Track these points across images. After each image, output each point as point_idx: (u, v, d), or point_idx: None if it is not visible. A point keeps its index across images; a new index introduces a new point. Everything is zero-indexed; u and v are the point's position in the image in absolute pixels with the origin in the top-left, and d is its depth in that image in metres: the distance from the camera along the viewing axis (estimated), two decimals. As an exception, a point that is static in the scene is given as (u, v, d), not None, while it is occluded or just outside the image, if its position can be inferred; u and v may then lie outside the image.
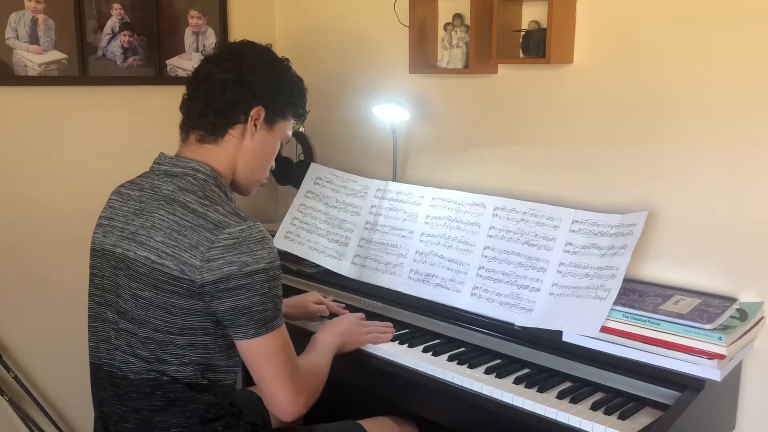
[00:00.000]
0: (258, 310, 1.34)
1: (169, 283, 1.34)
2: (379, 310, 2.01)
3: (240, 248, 1.32)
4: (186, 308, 1.35)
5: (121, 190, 1.51)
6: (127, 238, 1.40)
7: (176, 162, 1.46)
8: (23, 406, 2.22)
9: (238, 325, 1.35)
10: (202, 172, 1.44)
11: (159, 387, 1.39)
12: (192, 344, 1.38)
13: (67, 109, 2.25)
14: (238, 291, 1.32)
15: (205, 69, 1.49)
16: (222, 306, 1.33)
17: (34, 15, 2.13)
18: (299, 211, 2.27)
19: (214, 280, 1.31)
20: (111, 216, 1.48)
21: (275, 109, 1.51)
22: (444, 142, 2.27)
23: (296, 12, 2.68)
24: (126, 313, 1.39)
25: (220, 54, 1.51)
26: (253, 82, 1.46)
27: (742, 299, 1.68)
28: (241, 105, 1.46)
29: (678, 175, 1.78)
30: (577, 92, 1.94)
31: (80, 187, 2.30)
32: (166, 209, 1.37)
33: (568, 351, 1.63)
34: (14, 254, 2.20)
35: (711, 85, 1.70)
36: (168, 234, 1.34)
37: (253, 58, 1.49)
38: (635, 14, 1.81)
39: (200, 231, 1.32)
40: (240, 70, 1.45)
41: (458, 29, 2.09)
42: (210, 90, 1.45)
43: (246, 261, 1.32)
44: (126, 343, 1.40)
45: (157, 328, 1.37)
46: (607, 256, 1.67)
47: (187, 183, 1.41)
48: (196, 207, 1.36)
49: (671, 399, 1.48)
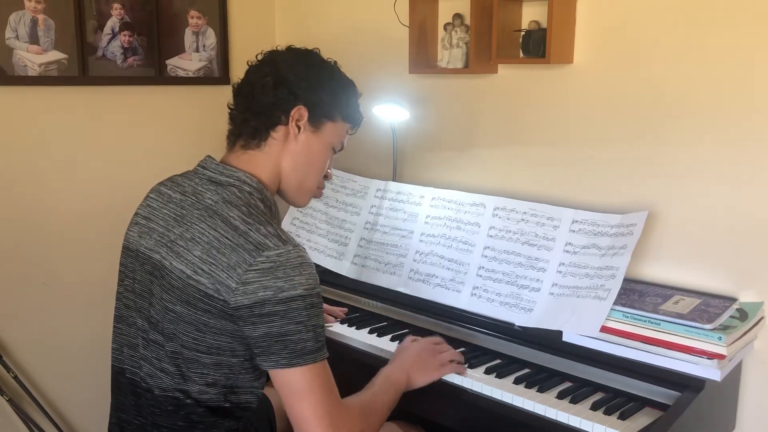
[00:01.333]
0: (293, 339, 1.26)
1: (203, 301, 1.28)
2: (379, 310, 2.01)
3: (276, 273, 1.25)
4: (217, 328, 1.29)
5: (162, 189, 1.45)
6: (166, 245, 1.35)
7: (222, 170, 1.40)
8: (23, 406, 2.22)
9: (270, 353, 1.27)
10: (249, 184, 1.38)
11: (182, 408, 1.35)
12: (218, 364, 1.33)
13: (67, 109, 2.25)
14: (272, 317, 1.25)
15: (246, 77, 1.46)
16: (255, 332, 1.27)
17: (34, 15, 2.12)
18: (299, 211, 2.27)
19: (248, 304, 1.25)
20: (149, 216, 1.42)
21: (319, 109, 1.44)
22: (444, 142, 2.27)
23: (296, 12, 2.68)
24: (157, 324, 1.35)
25: (261, 60, 1.47)
26: (292, 82, 1.41)
27: (742, 299, 1.68)
28: (280, 106, 1.41)
29: (678, 175, 1.78)
30: (577, 92, 1.94)
31: (80, 187, 2.30)
32: (207, 222, 1.31)
33: (568, 351, 1.63)
34: (14, 254, 2.20)
35: (711, 85, 1.70)
36: (206, 250, 1.28)
37: (292, 59, 1.45)
38: (635, 14, 1.81)
39: (239, 251, 1.26)
40: (278, 72, 1.42)
41: (458, 29, 2.09)
42: (250, 95, 1.42)
43: (282, 286, 1.25)
44: (154, 356, 1.36)
45: (185, 344, 1.32)
46: (607, 256, 1.67)
47: (232, 195, 1.35)
48: (239, 224, 1.29)
49: (671, 399, 1.48)
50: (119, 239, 1.49)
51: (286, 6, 2.71)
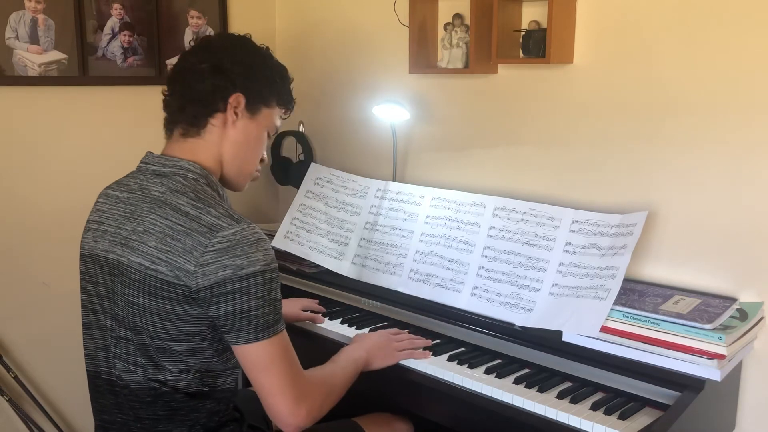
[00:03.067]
0: (256, 314, 1.30)
1: (164, 289, 1.30)
2: (379, 310, 2.01)
3: (234, 251, 1.28)
4: (182, 314, 1.32)
5: (109, 192, 1.47)
6: (120, 243, 1.37)
7: (164, 161, 1.42)
8: (23, 406, 2.22)
9: (235, 330, 1.31)
10: (192, 171, 1.40)
11: (160, 397, 1.37)
12: (189, 350, 1.35)
13: (67, 109, 2.25)
14: (234, 295, 1.28)
15: (181, 63, 1.47)
16: (219, 311, 1.30)
17: (34, 15, 2.13)
18: (299, 211, 2.27)
19: (209, 285, 1.28)
20: (100, 220, 1.44)
21: (256, 96, 1.46)
22: (444, 142, 2.27)
23: (296, 12, 2.68)
24: (123, 320, 1.36)
25: (195, 46, 1.48)
26: (229, 69, 1.42)
27: (742, 299, 1.68)
28: (219, 93, 1.42)
29: (678, 175, 1.78)
30: (577, 92, 1.94)
31: (80, 187, 2.29)
32: (158, 213, 1.33)
33: (568, 351, 1.63)
34: (14, 254, 2.20)
35: (711, 85, 1.70)
36: (161, 239, 1.31)
37: (228, 46, 1.47)
38: (635, 14, 1.81)
39: (194, 235, 1.28)
40: (215, 58, 1.42)
41: (458, 29, 2.09)
42: (187, 82, 1.43)
43: (241, 264, 1.28)
44: (125, 351, 1.37)
45: (153, 335, 1.34)
46: (607, 256, 1.67)
47: (178, 183, 1.37)
48: (189, 210, 1.32)
49: (671, 399, 1.48)
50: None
51: (285, 6, 2.71)
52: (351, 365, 1.56)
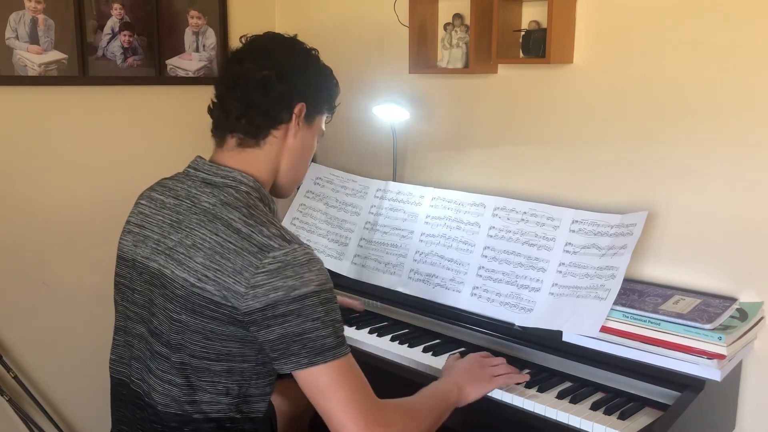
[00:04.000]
0: (311, 336, 1.21)
1: (209, 308, 1.24)
2: (379, 310, 2.01)
3: (285, 272, 1.21)
4: (226, 335, 1.25)
5: (153, 195, 1.40)
6: (164, 253, 1.30)
7: (216, 170, 1.35)
8: (23, 406, 2.22)
9: (289, 355, 1.22)
10: (245, 184, 1.33)
11: (187, 424, 1.31)
12: (229, 371, 1.29)
13: (67, 109, 2.25)
14: (287, 317, 1.21)
15: (238, 67, 1.37)
16: (272, 335, 1.22)
17: (34, 15, 2.13)
18: (299, 211, 2.27)
19: (260, 307, 1.21)
20: (142, 224, 1.38)
21: (314, 104, 1.42)
22: (444, 142, 2.27)
23: (296, 12, 2.68)
24: (161, 336, 1.30)
25: (251, 49, 1.39)
26: (294, 78, 1.36)
27: (742, 299, 1.68)
28: (284, 103, 1.36)
29: (678, 175, 1.78)
30: (577, 92, 1.94)
31: (80, 187, 2.30)
32: (208, 227, 1.26)
33: (568, 351, 1.63)
34: (14, 254, 2.20)
35: (711, 85, 1.70)
36: (209, 256, 1.24)
37: (287, 51, 1.40)
38: (635, 14, 1.81)
39: (244, 255, 1.22)
40: (278, 66, 1.35)
41: (458, 29, 2.09)
42: (249, 89, 1.35)
43: (293, 285, 1.20)
44: (160, 368, 1.31)
45: (194, 353, 1.27)
46: (607, 256, 1.67)
47: (229, 196, 1.30)
48: (240, 227, 1.25)
49: (671, 399, 1.48)
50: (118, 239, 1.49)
51: (286, 6, 2.71)
52: (439, 396, 1.44)
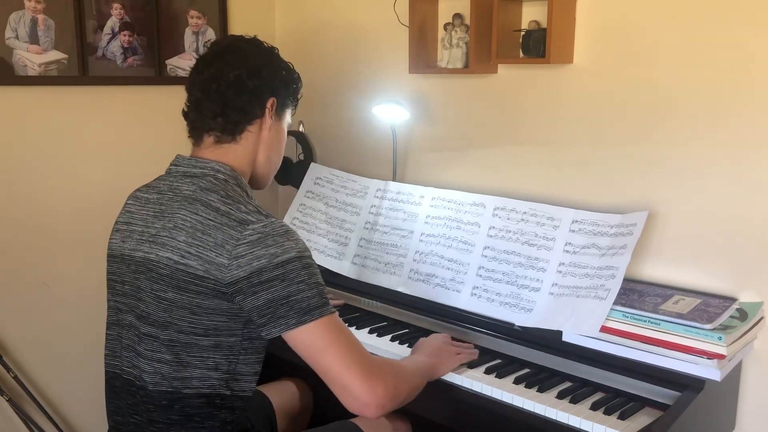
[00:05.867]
0: (297, 298, 1.28)
1: (194, 283, 1.30)
2: (379, 310, 2.01)
3: (266, 241, 1.28)
4: (211, 308, 1.31)
5: (138, 194, 1.48)
6: (148, 241, 1.37)
7: (195, 162, 1.43)
8: (23, 406, 2.22)
9: (278, 318, 1.29)
10: (223, 172, 1.41)
11: (177, 400, 1.35)
12: (217, 345, 1.34)
13: (67, 109, 2.25)
14: (272, 282, 1.27)
15: (210, 69, 1.44)
16: (258, 301, 1.28)
17: (34, 15, 2.13)
18: (299, 211, 2.27)
19: (246, 275, 1.27)
20: (129, 221, 1.44)
21: (282, 98, 1.50)
22: (444, 142, 2.27)
23: (296, 12, 2.68)
24: (148, 317, 1.35)
25: (219, 52, 1.47)
26: (263, 74, 1.44)
27: (742, 299, 1.68)
28: (257, 99, 1.44)
29: (678, 175, 1.78)
30: (577, 92, 1.94)
31: (80, 187, 2.30)
32: (188, 209, 1.34)
33: (568, 351, 1.63)
34: (14, 254, 2.20)
35: (711, 85, 1.70)
36: (191, 233, 1.31)
37: (253, 50, 1.47)
38: (635, 14, 1.81)
39: (224, 229, 1.29)
40: (248, 65, 1.43)
41: (458, 29, 2.09)
42: (224, 89, 1.42)
43: (275, 252, 1.28)
44: (149, 348, 1.35)
45: (181, 329, 1.32)
46: (607, 256, 1.67)
47: (208, 183, 1.38)
48: (219, 205, 1.33)
49: (671, 399, 1.48)
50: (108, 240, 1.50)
51: (285, 6, 2.71)
52: (419, 366, 1.53)
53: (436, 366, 1.59)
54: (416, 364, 1.53)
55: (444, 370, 1.61)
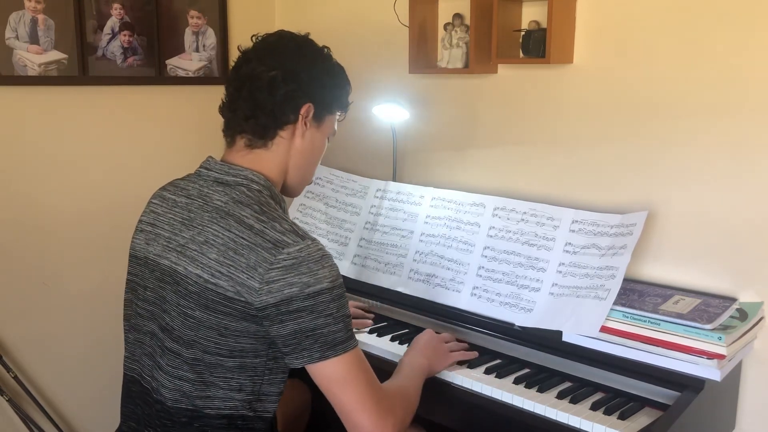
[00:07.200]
0: (323, 332, 1.25)
1: (222, 303, 1.25)
2: (379, 310, 2.01)
3: (300, 268, 1.23)
4: (239, 330, 1.27)
5: (165, 194, 1.42)
6: (175, 250, 1.32)
7: (228, 169, 1.36)
8: (23, 406, 2.22)
9: (301, 349, 1.25)
10: (257, 182, 1.35)
11: (197, 419, 1.32)
12: (242, 366, 1.30)
13: (67, 109, 2.25)
14: (301, 313, 1.23)
15: (246, 67, 1.37)
16: (284, 330, 1.24)
17: (34, 15, 2.12)
18: (299, 211, 2.27)
19: (275, 302, 1.23)
20: (154, 222, 1.39)
21: (323, 104, 1.42)
22: (444, 142, 2.27)
23: (296, 12, 2.68)
24: (172, 332, 1.31)
25: (260, 49, 1.39)
26: (301, 78, 1.36)
27: (742, 299, 1.68)
28: (290, 104, 1.37)
29: (677, 175, 1.78)
30: (577, 92, 1.94)
31: (80, 187, 2.30)
32: (220, 224, 1.28)
33: (568, 351, 1.63)
34: (14, 254, 2.20)
35: (711, 85, 1.70)
36: (223, 252, 1.25)
37: (296, 51, 1.39)
38: (635, 14, 1.81)
39: (258, 250, 1.23)
40: (285, 66, 1.36)
41: (458, 29, 2.09)
42: (256, 90, 1.35)
43: (307, 282, 1.23)
44: (171, 364, 1.32)
45: (207, 350, 1.28)
46: (607, 256, 1.67)
47: (241, 194, 1.32)
48: (253, 223, 1.27)
49: (671, 399, 1.48)
50: (119, 239, 1.49)
51: (285, 6, 2.71)
52: (418, 374, 1.52)
53: (431, 367, 1.60)
54: (417, 376, 1.51)
55: (437, 369, 1.62)
